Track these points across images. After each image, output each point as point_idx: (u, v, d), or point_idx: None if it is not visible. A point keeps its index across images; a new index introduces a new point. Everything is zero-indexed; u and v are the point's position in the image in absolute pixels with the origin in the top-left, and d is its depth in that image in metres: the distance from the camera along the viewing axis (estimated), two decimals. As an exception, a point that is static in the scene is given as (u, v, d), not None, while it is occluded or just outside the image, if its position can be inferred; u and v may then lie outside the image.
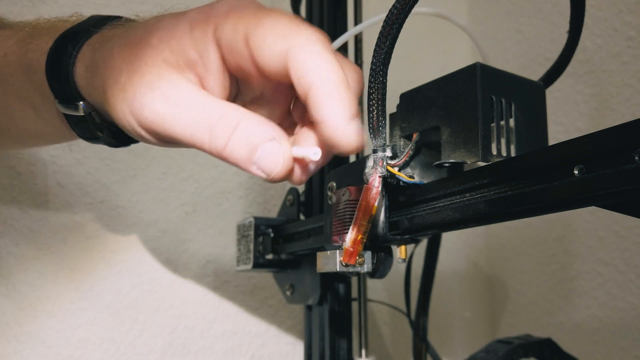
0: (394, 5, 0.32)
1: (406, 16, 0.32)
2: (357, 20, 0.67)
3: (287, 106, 0.35)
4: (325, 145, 0.30)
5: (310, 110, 0.29)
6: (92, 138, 0.37)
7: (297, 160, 0.31)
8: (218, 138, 0.29)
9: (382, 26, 0.33)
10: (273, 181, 0.30)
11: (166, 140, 0.32)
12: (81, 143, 0.62)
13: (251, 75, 0.32)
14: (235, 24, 0.30)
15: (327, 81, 0.28)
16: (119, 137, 0.37)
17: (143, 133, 0.31)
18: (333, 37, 0.65)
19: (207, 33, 0.30)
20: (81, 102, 0.34)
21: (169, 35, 0.31)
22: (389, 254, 0.38)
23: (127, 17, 0.36)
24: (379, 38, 0.33)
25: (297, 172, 0.32)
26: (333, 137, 0.28)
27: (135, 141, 0.37)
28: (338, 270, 0.35)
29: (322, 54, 0.29)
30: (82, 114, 0.35)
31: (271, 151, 0.29)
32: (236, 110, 0.30)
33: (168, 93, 0.30)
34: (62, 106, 0.35)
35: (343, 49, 0.66)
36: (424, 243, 0.60)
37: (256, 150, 0.29)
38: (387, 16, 0.33)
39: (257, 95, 0.34)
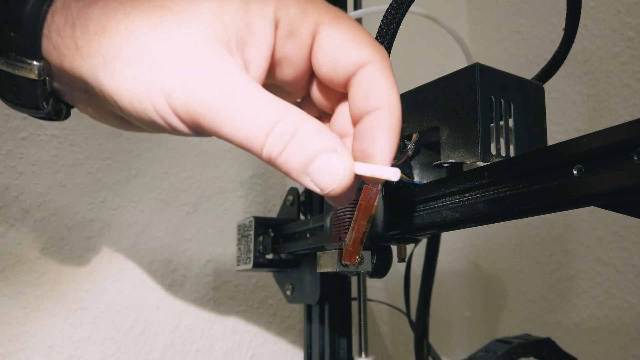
0: (391, 5, 0.33)
1: (403, 15, 0.33)
2: (357, 20, 0.67)
3: (296, 99, 0.33)
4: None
5: (363, 129, 0.27)
6: (26, 107, 0.29)
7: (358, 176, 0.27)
8: (274, 146, 0.26)
9: (380, 26, 0.33)
10: (327, 196, 0.27)
11: (204, 134, 0.27)
12: (82, 143, 0.62)
13: (287, 67, 0.29)
14: (305, 9, 0.27)
15: (392, 110, 0.27)
16: (60, 109, 0.31)
17: (176, 123, 0.27)
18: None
19: (265, 10, 0.27)
20: (37, 62, 0.27)
21: (221, 7, 0.26)
22: (389, 253, 0.38)
23: None
24: (376, 38, 0.33)
25: (352, 191, 0.28)
26: (378, 168, 0.27)
27: (68, 115, 0.31)
28: (338, 270, 0.36)
29: (392, 76, 0.28)
30: (34, 77, 0.27)
31: (330, 164, 0.26)
32: (297, 114, 0.26)
33: (223, 84, 0.25)
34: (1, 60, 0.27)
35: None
36: (423, 243, 0.60)
37: (313, 161, 0.26)
38: (384, 16, 0.33)
39: (271, 83, 0.31)
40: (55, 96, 0.30)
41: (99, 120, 0.31)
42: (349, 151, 0.27)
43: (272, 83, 0.31)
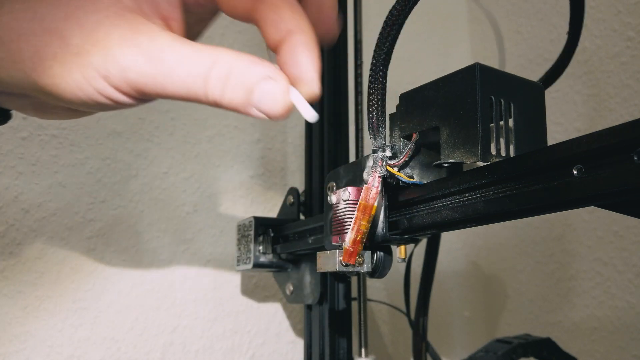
0: (394, 7, 0.33)
1: (406, 17, 0.33)
2: (357, 20, 0.67)
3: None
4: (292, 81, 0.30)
5: (286, 55, 0.29)
6: None
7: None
8: (215, 88, 0.27)
9: (382, 27, 0.33)
10: (275, 120, 0.29)
11: (151, 99, 0.29)
12: (82, 143, 0.62)
13: (199, 7, 0.31)
14: None
15: (304, 31, 0.29)
16: None
17: (121, 97, 0.28)
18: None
19: None
20: None
21: None
22: (389, 253, 0.38)
23: None
24: (379, 39, 0.33)
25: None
26: (307, 87, 0.29)
27: (9, 117, 0.33)
28: (338, 270, 0.36)
29: (294, 3, 0.29)
30: None
31: (269, 91, 0.28)
32: (225, 54, 0.28)
33: (150, 48, 0.27)
34: None
35: (343, 50, 0.66)
36: (423, 243, 0.60)
37: (253, 92, 0.27)
38: (387, 17, 0.33)
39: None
40: None
41: (43, 118, 0.33)
42: (283, 74, 0.28)
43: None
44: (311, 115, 0.29)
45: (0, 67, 0.27)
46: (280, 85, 0.28)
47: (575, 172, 0.27)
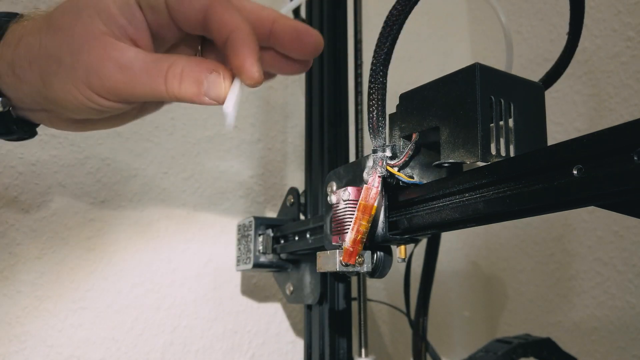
0: (394, 7, 0.33)
1: (406, 17, 0.33)
2: (357, 20, 0.67)
3: (194, 53, 0.42)
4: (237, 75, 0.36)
5: (229, 51, 0.35)
6: (3, 133, 0.40)
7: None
8: (172, 84, 0.34)
9: (383, 27, 0.33)
10: (223, 104, 0.35)
11: (131, 102, 0.36)
12: (82, 143, 0.62)
13: (166, 29, 0.37)
14: None
15: (243, 29, 0.35)
16: (27, 130, 0.41)
17: (105, 103, 0.35)
18: (333, 36, 0.65)
19: (129, 0, 0.35)
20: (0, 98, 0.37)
21: (96, 10, 0.35)
22: (389, 253, 0.38)
23: (23, 13, 0.39)
24: (379, 39, 0.33)
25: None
26: (247, 73, 0.34)
27: (34, 134, 0.41)
28: (338, 269, 0.36)
29: (232, 8, 0.36)
30: (1, 109, 0.38)
31: (214, 80, 0.35)
32: (178, 58, 0.35)
33: (120, 60, 0.34)
34: None
35: (343, 50, 0.66)
36: (423, 243, 0.60)
37: (202, 84, 0.35)
38: (387, 17, 0.33)
39: (168, 47, 0.39)
40: (21, 120, 0.39)
41: (58, 128, 0.40)
42: (225, 67, 0.35)
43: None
44: (228, 104, 0.35)
45: (22, 86, 0.36)
46: (223, 75, 0.35)
47: (575, 172, 0.27)
